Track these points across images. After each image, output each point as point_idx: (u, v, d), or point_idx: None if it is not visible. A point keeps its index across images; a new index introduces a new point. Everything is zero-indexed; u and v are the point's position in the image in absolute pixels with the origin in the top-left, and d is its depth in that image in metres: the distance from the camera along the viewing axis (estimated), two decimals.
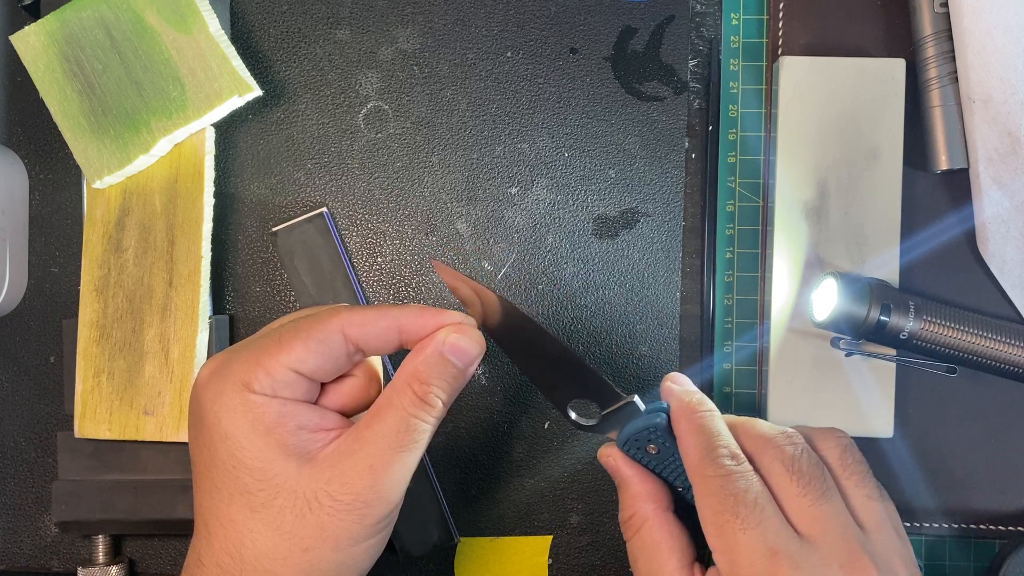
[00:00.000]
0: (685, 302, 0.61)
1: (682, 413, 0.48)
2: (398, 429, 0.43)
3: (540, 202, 0.61)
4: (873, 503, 0.46)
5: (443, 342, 0.45)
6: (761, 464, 0.46)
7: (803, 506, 0.44)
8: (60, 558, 0.62)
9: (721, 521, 0.44)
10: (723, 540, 0.44)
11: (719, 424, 0.47)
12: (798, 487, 0.45)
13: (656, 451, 0.48)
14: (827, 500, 0.44)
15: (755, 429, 0.48)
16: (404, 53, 0.61)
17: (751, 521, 0.43)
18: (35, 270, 0.62)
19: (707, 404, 0.48)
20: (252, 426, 0.42)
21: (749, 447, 0.47)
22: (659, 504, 0.48)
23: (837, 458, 0.47)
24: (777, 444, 0.46)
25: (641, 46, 0.61)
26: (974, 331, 0.55)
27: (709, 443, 0.46)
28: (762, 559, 0.42)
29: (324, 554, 0.43)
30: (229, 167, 0.61)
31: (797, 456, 0.46)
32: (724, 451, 0.46)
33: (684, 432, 0.47)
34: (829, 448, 0.48)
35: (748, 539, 0.43)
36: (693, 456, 0.46)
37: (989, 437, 0.59)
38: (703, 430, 0.47)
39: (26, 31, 0.58)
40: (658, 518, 0.48)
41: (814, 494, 0.44)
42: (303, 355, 0.43)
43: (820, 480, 0.45)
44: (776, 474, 0.45)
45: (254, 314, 0.62)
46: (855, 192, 0.57)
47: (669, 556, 0.46)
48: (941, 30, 0.57)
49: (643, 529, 0.48)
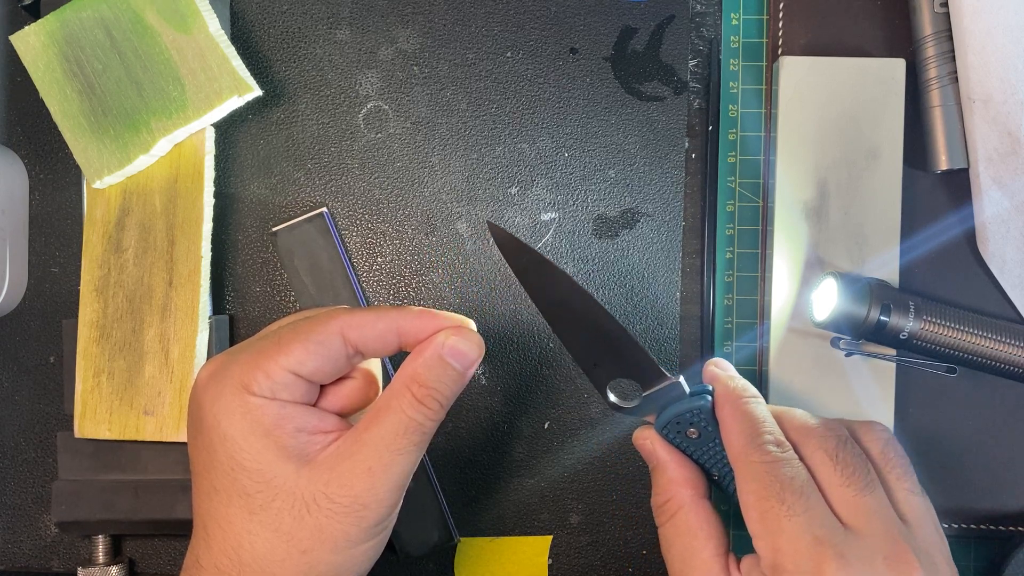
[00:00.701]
0: (685, 302, 0.61)
1: (727, 398, 0.47)
2: (397, 431, 0.43)
3: (540, 202, 0.61)
4: (915, 497, 0.45)
5: (442, 345, 0.45)
6: (804, 453, 0.45)
7: (847, 496, 0.44)
8: (60, 558, 0.62)
9: (766, 507, 0.43)
10: (767, 526, 0.43)
11: (764, 411, 0.47)
12: (842, 477, 0.44)
13: (697, 435, 0.47)
14: (871, 492, 0.44)
15: (797, 419, 0.47)
16: (404, 53, 0.61)
17: (797, 508, 0.43)
18: (35, 270, 0.62)
19: (752, 390, 0.48)
20: (251, 428, 0.42)
21: (792, 436, 0.46)
22: (696, 490, 0.47)
23: (879, 451, 0.46)
24: (820, 434, 0.46)
25: (641, 46, 0.61)
26: (974, 331, 0.55)
27: (754, 429, 0.45)
28: (807, 547, 0.42)
29: (322, 556, 0.43)
30: (229, 167, 0.61)
31: (841, 446, 0.45)
32: (769, 437, 0.45)
33: (728, 417, 0.47)
34: (871, 441, 0.47)
35: (793, 526, 0.42)
36: (737, 442, 0.46)
37: (989, 437, 0.59)
38: (748, 416, 0.46)
39: (26, 31, 0.58)
40: (695, 504, 0.47)
41: (858, 485, 0.44)
42: (302, 357, 0.43)
43: (864, 471, 0.44)
44: (820, 463, 0.45)
45: (254, 314, 0.62)
46: (855, 192, 0.57)
47: (706, 543, 0.46)
48: (941, 30, 0.57)
49: (679, 515, 0.47)
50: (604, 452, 0.61)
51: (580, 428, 0.61)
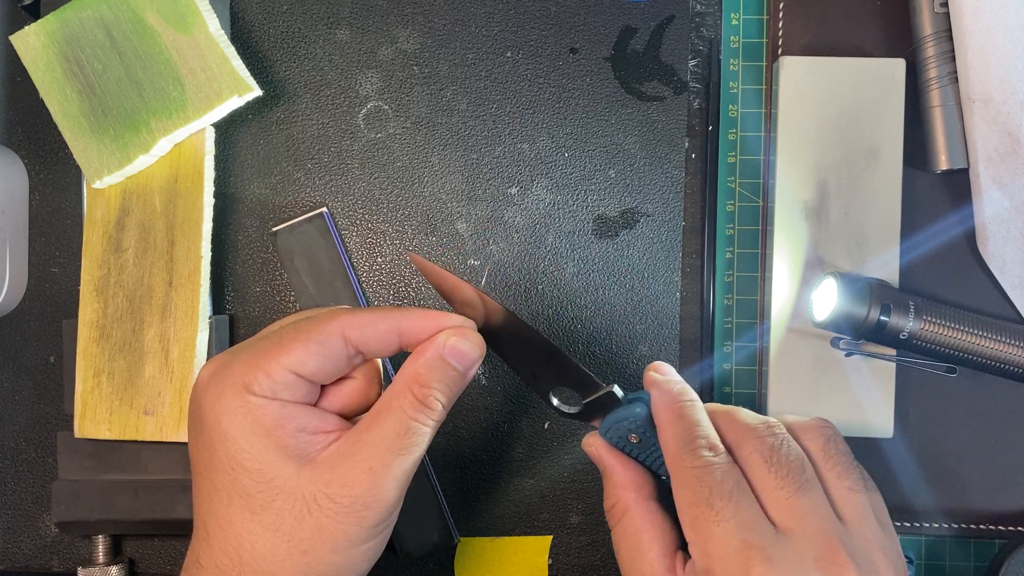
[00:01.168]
0: (685, 302, 0.61)
1: (662, 403, 0.47)
2: (398, 432, 0.43)
3: (540, 202, 0.61)
4: (855, 495, 0.45)
5: (443, 345, 0.45)
6: (740, 455, 0.45)
7: (780, 498, 0.43)
8: (60, 558, 0.62)
9: (696, 512, 0.43)
10: (697, 532, 0.43)
11: (699, 414, 0.46)
12: (776, 479, 0.44)
13: (638, 440, 0.47)
14: (805, 492, 0.44)
15: (737, 419, 0.47)
16: (404, 53, 0.61)
17: (725, 513, 0.43)
18: (35, 270, 0.62)
19: (688, 394, 0.47)
20: (252, 428, 0.42)
21: (730, 438, 0.46)
22: (641, 493, 0.47)
23: (820, 449, 0.46)
24: (758, 435, 0.45)
25: (641, 46, 0.61)
26: (974, 331, 0.55)
27: (687, 433, 0.45)
28: (735, 552, 0.42)
29: (323, 556, 0.43)
30: (229, 167, 0.61)
31: (777, 447, 0.45)
32: (702, 442, 0.45)
33: (663, 422, 0.47)
34: (812, 439, 0.47)
35: (722, 531, 0.42)
36: (671, 446, 0.46)
37: (989, 437, 0.59)
38: (682, 420, 0.46)
39: (26, 31, 0.58)
40: (640, 506, 0.47)
41: (792, 486, 0.44)
42: (303, 357, 0.43)
43: (799, 472, 0.44)
44: (755, 465, 0.45)
45: (254, 314, 0.62)
46: (855, 192, 0.57)
47: (651, 544, 0.46)
48: (941, 30, 0.57)
49: (625, 518, 0.47)
50: None
51: (580, 428, 0.61)
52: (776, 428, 0.46)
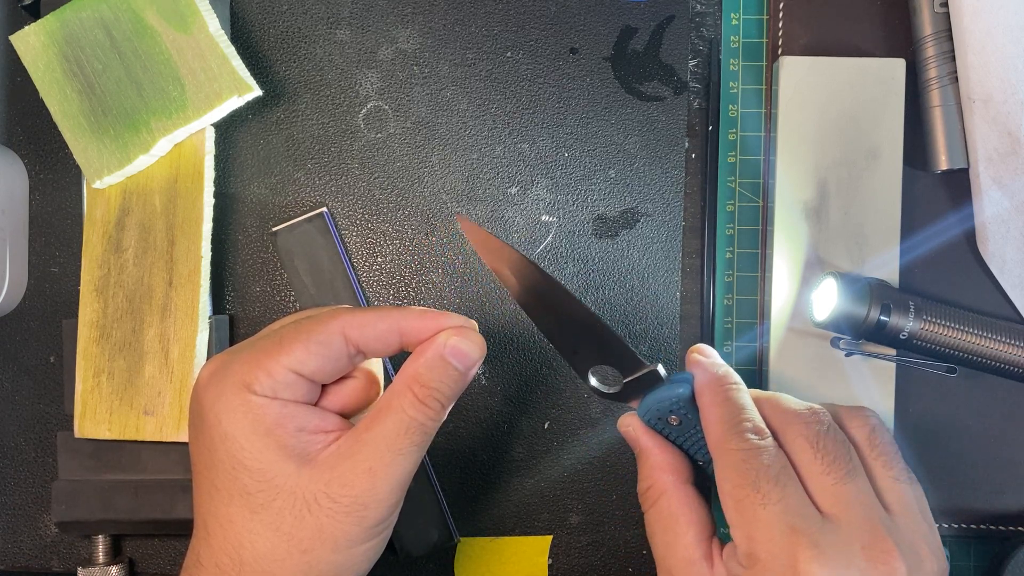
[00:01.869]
0: (685, 302, 0.61)
1: (707, 385, 0.47)
2: (398, 431, 0.43)
3: (540, 202, 0.61)
4: (900, 485, 0.45)
5: (444, 345, 0.45)
6: (785, 440, 0.45)
7: (827, 484, 0.43)
8: (60, 558, 0.62)
9: (741, 495, 0.43)
10: (742, 515, 0.43)
11: (744, 398, 0.46)
12: (822, 465, 0.43)
13: (678, 422, 0.47)
14: (852, 480, 0.43)
15: (781, 404, 0.46)
16: (404, 53, 0.61)
17: (772, 497, 0.42)
18: (35, 270, 0.62)
19: (733, 377, 0.47)
20: (252, 427, 0.42)
21: (774, 422, 0.46)
22: (679, 476, 0.47)
23: (865, 438, 0.46)
24: (803, 420, 0.45)
25: (641, 46, 0.61)
26: (974, 331, 0.55)
27: (733, 416, 0.45)
28: (781, 536, 0.41)
29: (323, 556, 0.43)
30: (229, 167, 0.61)
31: (823, 433, 0.44)
32: (748, 425, 0.44)
33: (708, 404, 0.46)
34: (857, 427, 0.46)
35: (768, 515, 0.42)
36: (716, 429, 0.45)
37: (989, 437, 0.59)
38: (728, 403, 0.46)
39: (26, 31, 0.58)
40: (677, 490, 0.47)
41: (838, 473, 0.43)
42: (303, 356, 0.43)
43: (845, 459, 0.44)
44: (800, 451, 0.44)
45: (254, 314, 0.62)
46: (855, 192, 0.57)
47: (687, 529, 0.45)
48: (941, 30, 0.57)
49: (661, 501, 0.47)
50: (604, 452, 0.61)
51: (580, 428, 0.61)
52: (821, 414, 0.46)
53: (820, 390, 0.57)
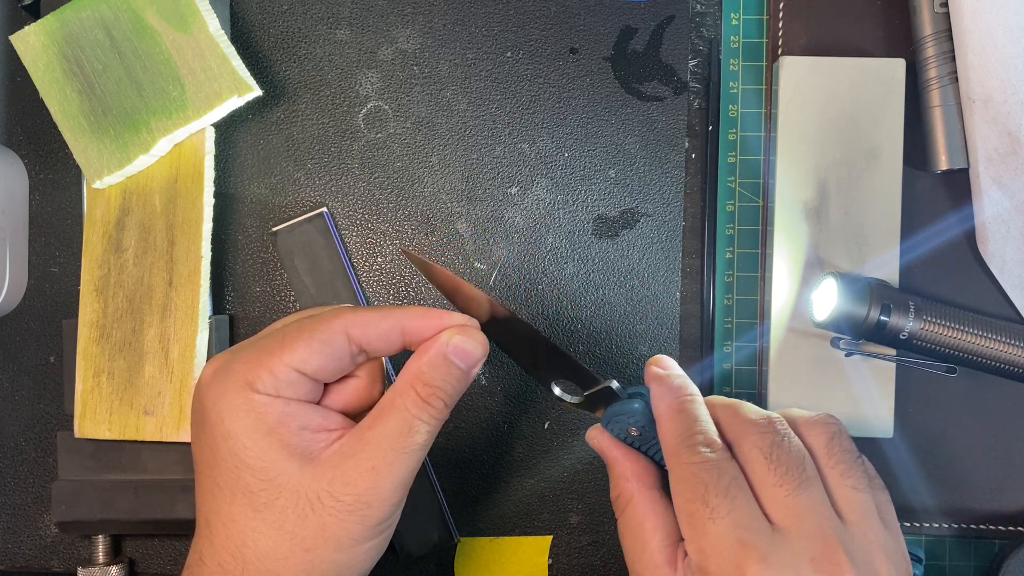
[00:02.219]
0: (685, 302, 0.61)
1: (661, 398, 0.47)
2: (400, 430, 0.43)
3: (540, 202, 0.61)
4: (858, 494, 0.44)
5: (446, 344, 0.45)
6: (740, 451, 0.45)
7: (779, 496, 0.43)
8: (60, 558, 0.62)
9: (692, 509, 0.43)
10: (693, 528, 0.43)
11: (698, 410, 0.46)
12: (775, 476, 0.43)
13: (638, 433, 0.47)
14: (805, 490, 0.43)
15: (739, 413, 0.46)
16: (404, 53, 0.61)
17: (721, 510, 0.42)
18: (35, 270, 0.62)
19: (688, 389, 0.47)
20: (255, 426, 0.42)
21: (731, 433, 0.45)
22: (643, 483, 0.47)
23: (823, 446, 0.45)
24: (759, 430, 0.45)
25: (641, 46, 0.61)
26: (974, 331, 0.55)
27: (686, 429, 0.45)
28: (730, 549, 0.41)
29: (325, 554, 0.43)
30: (229, 167, 0.61)
31: (777, 443, 0.44)
32: (700, 438, 0.44)
33: (662, 417, 0.46)
34: (815, 435, 0.46)
35: (717, 529, 0.42)
36: (669, 442, 0.45)
37: (989, 437, 0.59)
38: (681, 415, 0.46)
39: (26, 31, 0.58)
40: (642, 496, 0.47)
41: (791, 484, 0.43)
42: (306, 355, 0.43)
43: (799, 469, 0.43)
44: (754, 462, 0.44)
45: (254, 314, 0.62)
46: (855, 192, 0.57)
47: (653, 534, 0.45)
48: (941, 30, 0.57)
49: (628, 508, 0.47)
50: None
51: (580, 428, 0.61)
52: (778, 424, 0.45)
53: (820, 390, 0.57)
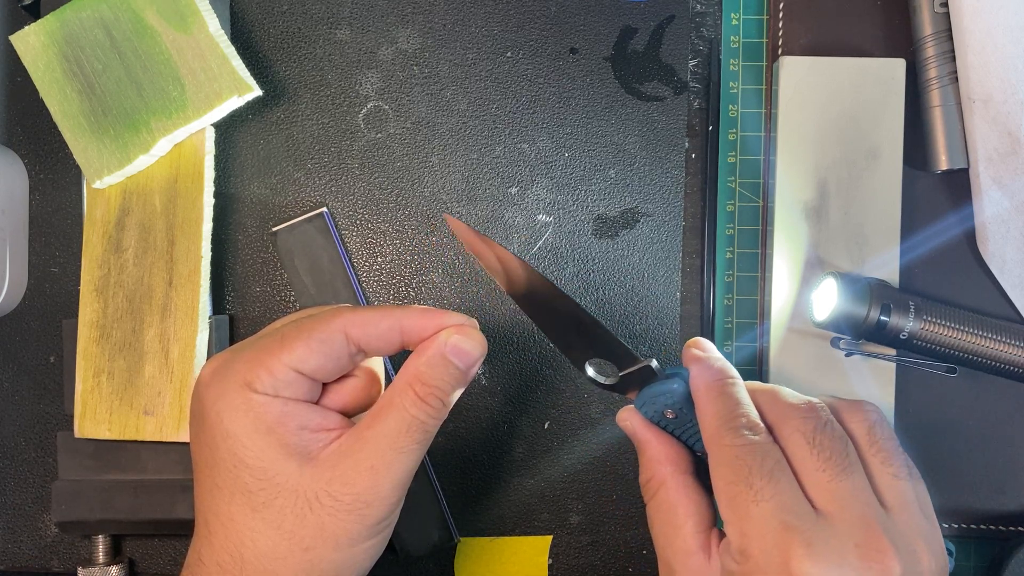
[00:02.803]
0: (685, 302, 0.61)
1: (702, 380, 0.46)
2: (399, 430, 0.43)
3: (540, 202, 0.61)
4: (900, 482, 0.43)
5: (445, 343, 0.44)
6: (782, 435, 0.44)
7: (822, 481, 0.42)
8: (60, 558, 0.62)
9: (734, 492, 0.42)
10: (735, 511, 0.42)
11: (740, 393, 0.45)
12: (818, 461, 0.42)
13: (674, 416, 0.47)
14: (848, 476, 0.42)
15: (779, 398, 0.45)
16: (404, 53, 0.61)
17: (765, 493, 0.41)
18: (35, 270, 0.62)
19: (730, 372, 0.46)
20: (254, 425, 0.42)
21: (771, 417, 0.45)
22: (677, 467, 0.47)
23: (864, 433, 0.45)
24: (800, 415, 0.44)
25: (641, 46, 0.61)
26: (974, 331, 0.55)
27: (728, 412, 0.44)
28: (774, 533, 0.41)
29: (324, 554, 0.43)
30: (229, 167, 0.61)
31: (820, 428, 0.43)
32: (743, 420, 0.44)
33: (703, 399, 0.46)
34: (857, 422, 0.45)
35: (761, 511, 0.41)
36: (710, 424, 0.45)
37: (989, 437, 0.59)
38: (723, 398, 0.45)
39: (26, 31, 0.58)
40: (675, 481, 0.46)
41: (834, 469, 0.42)
42: (305, 355, 0.43)
43: (842, 455, 0.43)
44: (796, 446, 0.43)
45: (254, 314, 0.62)
46: (855, 192, 0.57)
47: (685, 520, 0.45)
48: (941, 30, 0.57)
49: (660, 492, 0.46)
50: (604, 452, 0.61)
51: (580, 428, 0.61)
52: (820, 409, 0.45)
53: (820, 390, 0.57)
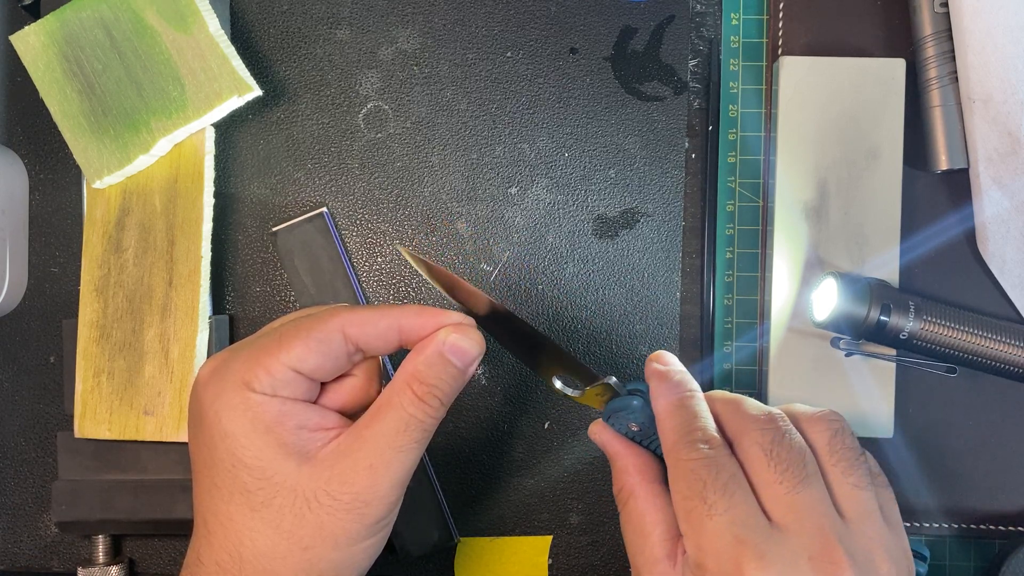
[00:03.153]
0: (685, 302, 0.61)
1: (660, 394, 0.46)
2: (398, 429, 0.43)
3: (540, 202, 0.61)
4: (860, 492, 0.43)
5: (443, 342, 0.45)
6: (741, 447, 0.44)
7: (779, 494, 0.42)
8: (60, 558, 0.62)
9: (689, 506, 0.42)
10: (691, 525, 0.42)
11: (698, 406, 0.45)
12: (775, 473, 0.42)
13: (638, 429, 0.47)
14: (805, 488, 0.42)
15: (740, 409, 0.45)
16: (404, 53, 0.61)
17: (718, 507, 0.41)
18: (35, 270, 0.62)
19: (688, 385, 0.46)
20: (252, 425, 0.42)
21: (731, 429, 0.45)
22: (644, 477, 0.47)
23: (825, 443, 0.44)
24: (759, 427, 0.44)
25: (641, 46, 0.61)
26: (974, 331, 0.55)
27: (684, 425, 0.44)
28: (727, 547, 0.41)
29: (323, 553, 0.43)
30: (229, 167, 0.61)
31: (778, 440, 0.43)
32: (699, 434, 0.44)
33: (661, 413, 0.46)
34: (818, 432, 0.45)
35: (715, 525, 0.41)
36: (669, 438, 0.45)
37: (989, 437, 0.59)
38: (680, 411, 0.45)
39: (26, 31, 0.58)
40: (644, 490, 0.46)
41: (791, 481, 0.42)
42: (303, 354, 0.43)
43: (799, 466, 0.43)
44: (754, 459, 0.43)
45: (254, 314, 0.62)
46: (855, 192, 0.57)
47: (653, 528, 0.45)
48: (941, 30, 0.57)
49: (630, 501, 0.46)
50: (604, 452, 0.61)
51: (580, 428, 0.61)
52: (780, 420, 0.45)
53: (820, 390, 0.57)
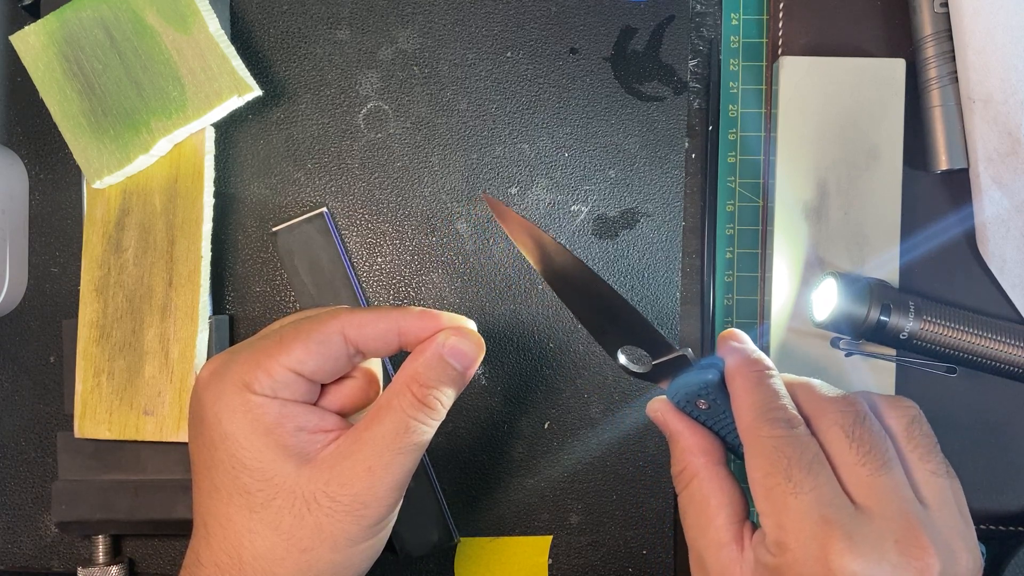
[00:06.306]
0: (685, 302, 0.61)
1: (738, 371, 0.45)
2: (397, 431, 0.43)
3: (540, 202, 0.61)
4: (938, 479, 0.43)
5: (443, 344, 0.45)
6: (819, 428, 0.43)
7: (861, 475, 0.41)
8: (60, 558, 0.62)
9: (771, 484, 0.41)
10: (772, 504, 0.41)
11: (778, 384, 0.45)
12: (857, 455, 0.42)
13: (707, 407, 0.46)
14: (887, 471, 0.41)
15: (815, 391, 0.45)
16: (404, 53, 0.61)
17: (804, 486, 0.41)
18: (35, 270, 0.62)
19: (766, 363, 0.46)
20: (252, 426, 0.42)
21: (808, 410, 0.44)
22: (710, 458, 0.46)
23: (903, 429, 0.44)
24: (838, 408, 0.43)
25: (641, 46, 0.61)
26: (974, 331, 0.55)
27: (765, 403, 0.43)
28: (813, 526, 0.40)
29: (322, 555, 0.43)
30: (229, 167, 0.61)
31: (859, 422, 0.43)
32: (781, 412, 0.43)
33: (739, 390, 0.45)
34: (895, 417, 0.44)
35: (799, 504, 0.40)
36: (747, 416, 0.44)
37: (989, 437, 0.59)
38: (759, 389, 0.44)
39: (26, 31, 0.58)
40: (708, 472, 0.45)
41: (874, 464, 0.41)
42: (303, 356, 0.43)
43: (881, 450, 0.42)
44: (835, 440, 0.42)
45: (254, 314, 0.62)
46: (855, 192, 0.57)
47: (718, 511, 0.44)
48: (941, 30, 0.57)
49: (693, 483, 0.46)
50: (604, 452, 0.61)
51: (580, 428, 0.61)
52: (858, 403, 0.44)
53: None
